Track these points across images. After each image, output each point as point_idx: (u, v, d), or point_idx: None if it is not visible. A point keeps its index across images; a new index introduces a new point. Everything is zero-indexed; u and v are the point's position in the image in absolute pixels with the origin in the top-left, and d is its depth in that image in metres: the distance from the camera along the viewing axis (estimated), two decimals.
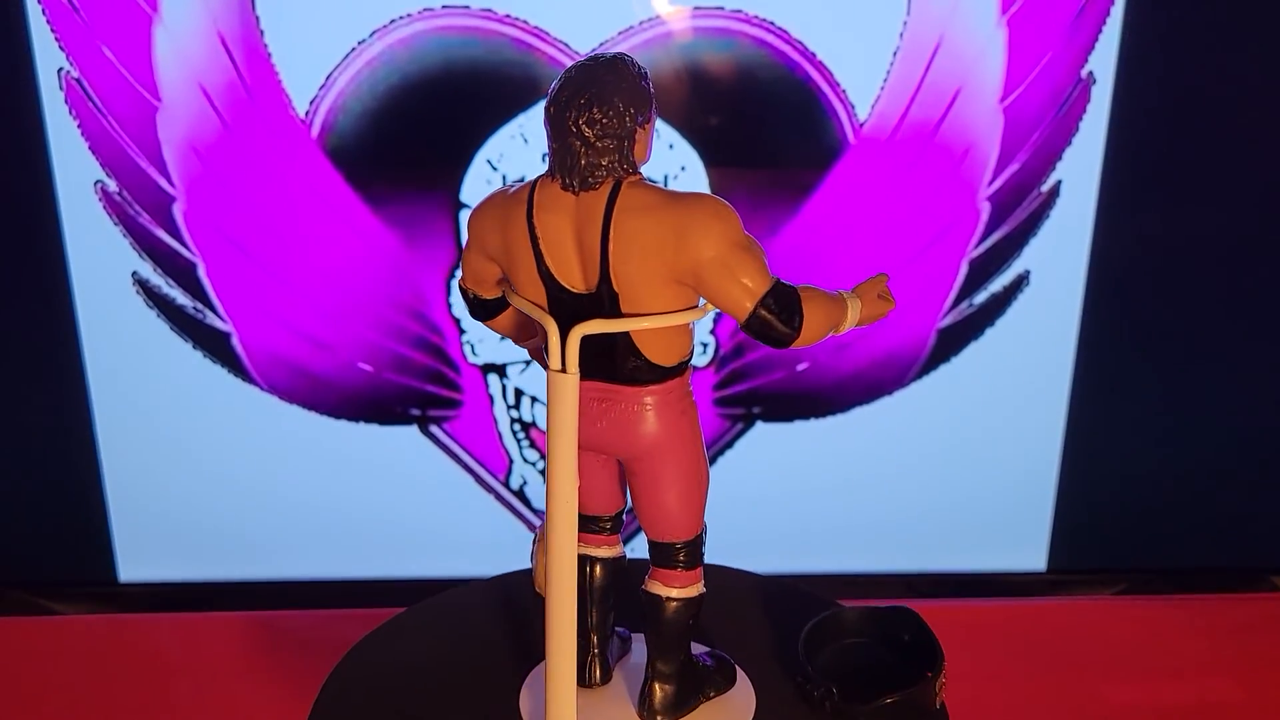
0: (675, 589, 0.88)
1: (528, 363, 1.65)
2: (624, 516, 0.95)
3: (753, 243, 0.80)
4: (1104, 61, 1.55)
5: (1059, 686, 1.27)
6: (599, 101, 0.80)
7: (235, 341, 1.63)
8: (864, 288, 0.86)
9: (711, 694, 0.92)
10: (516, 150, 1.55)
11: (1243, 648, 1.33)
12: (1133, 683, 1.25)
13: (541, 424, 1.66)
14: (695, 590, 0.89)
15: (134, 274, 1.59)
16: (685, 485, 0.86)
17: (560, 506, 0.83)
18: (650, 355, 0.84)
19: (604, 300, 0.81)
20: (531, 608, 1.01)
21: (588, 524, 0.91)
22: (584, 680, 0.95)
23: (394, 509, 1.71)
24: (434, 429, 1.69)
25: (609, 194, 0.80)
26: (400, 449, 1.68)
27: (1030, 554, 1.78)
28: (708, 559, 0.91)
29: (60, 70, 1.50)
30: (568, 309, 0.83)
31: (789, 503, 1.72)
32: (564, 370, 0.81)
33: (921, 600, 1.74)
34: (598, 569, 0.93)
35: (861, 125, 1.57)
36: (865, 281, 0.87)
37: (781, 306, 0.79)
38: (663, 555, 0.89)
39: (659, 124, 1.55)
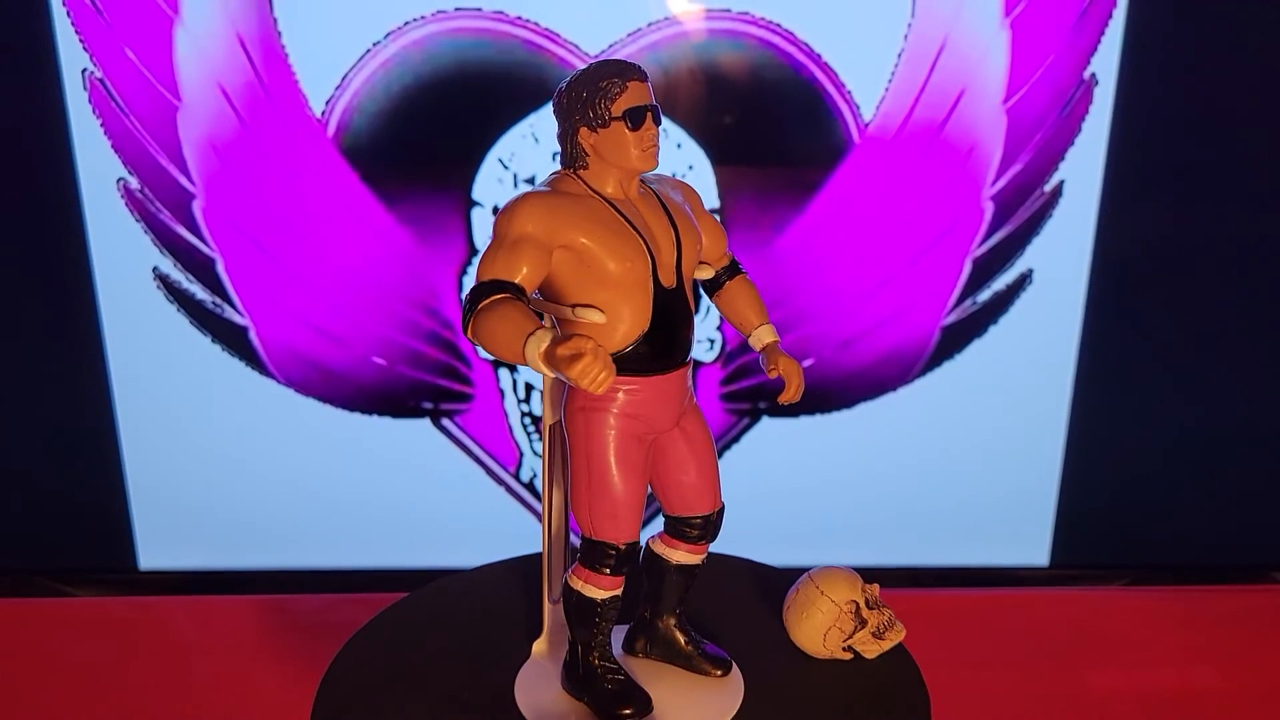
0: (570, 572, 0.90)
1: None
2: (711, 520, 0.94)
3: (509, 243, 0.81)
4: (1107, 63, 1.57)
5: (1042, 674, 1.30)
6: (553, 100, 0.87)
7: (253, 335, 1.66)
8: (563, 342, 0.74)
9: (586, 700, 0.92)
10: (528, 149, 1.58)
11: (1226, 638, 1.35)
12: (1115, 670, 1.27)
13: None
14: (577, 583, 0.89)
15: (155, 269, 1.63)
16: (572, 479, 0.88)
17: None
18: None
19: None
20: (530, 594, 1.04)
21: None
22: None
23: (406, 500, 1.74)
24: (446, 422, 1.72)
25: None
26: (413, 442, 1.72)
27: (1033, 549, 1.80)
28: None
29: (84, 71, 1.53)
30: None
31: (794, 497, 1.74)
32: None
33: (915, 589, 1.76)
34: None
35: (866, 125, 1.59)
36: (570, 336, 0.75)
37: (469, 303, 0.79)
38: None
39: (669, 124, 1.57)
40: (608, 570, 0.88)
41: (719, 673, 0.96)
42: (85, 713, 1.38)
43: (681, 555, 0.95)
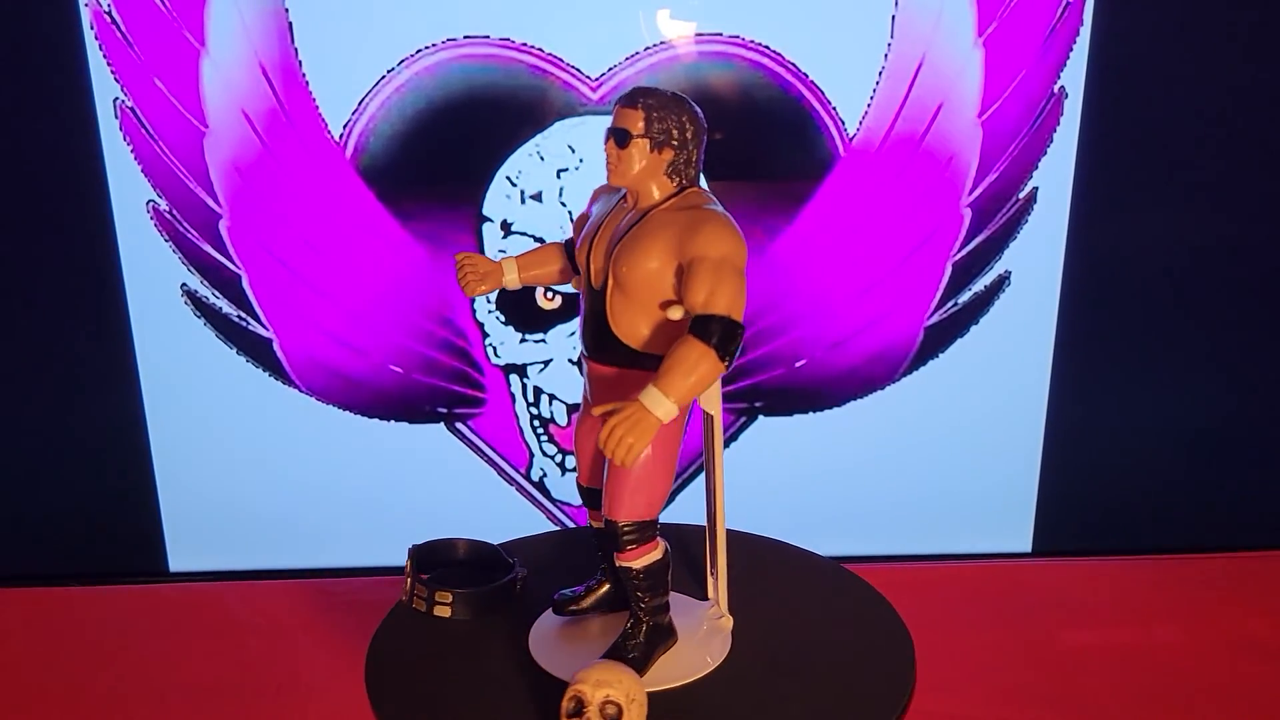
0: None
1: (546, 363, 1.76)
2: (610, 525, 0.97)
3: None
4: (1074, 77, 1.66)
5: (1017, 632, 1.39)
6: None
7: (276, 347, 1.74)
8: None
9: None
10: (534, 167, 1.67)
11: (1189, 600, 1.45)
12: (1086, 629, 1.37)
13: (559, 420, 1.78)
14: None
15: (183, 286, 1.71)
16: None
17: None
18: None
19: None
20: (540, 567, 1.14)
21: None
22: None
23: (423, 501, 1.82)
24: (459, 426, 1.80)
25: None
26: (428, 445, 1.80)
27: (1016, 537, 1.88)
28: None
29: (115, 99, 1.62)
30: None
31: (788, 490, 1.81)
32: None
33: (905, 563, 1.84)
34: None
35: (851, 139, 1.68)
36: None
37: None
38: None
39: None
40: None
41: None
42: (130, 689, 1.47)
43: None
